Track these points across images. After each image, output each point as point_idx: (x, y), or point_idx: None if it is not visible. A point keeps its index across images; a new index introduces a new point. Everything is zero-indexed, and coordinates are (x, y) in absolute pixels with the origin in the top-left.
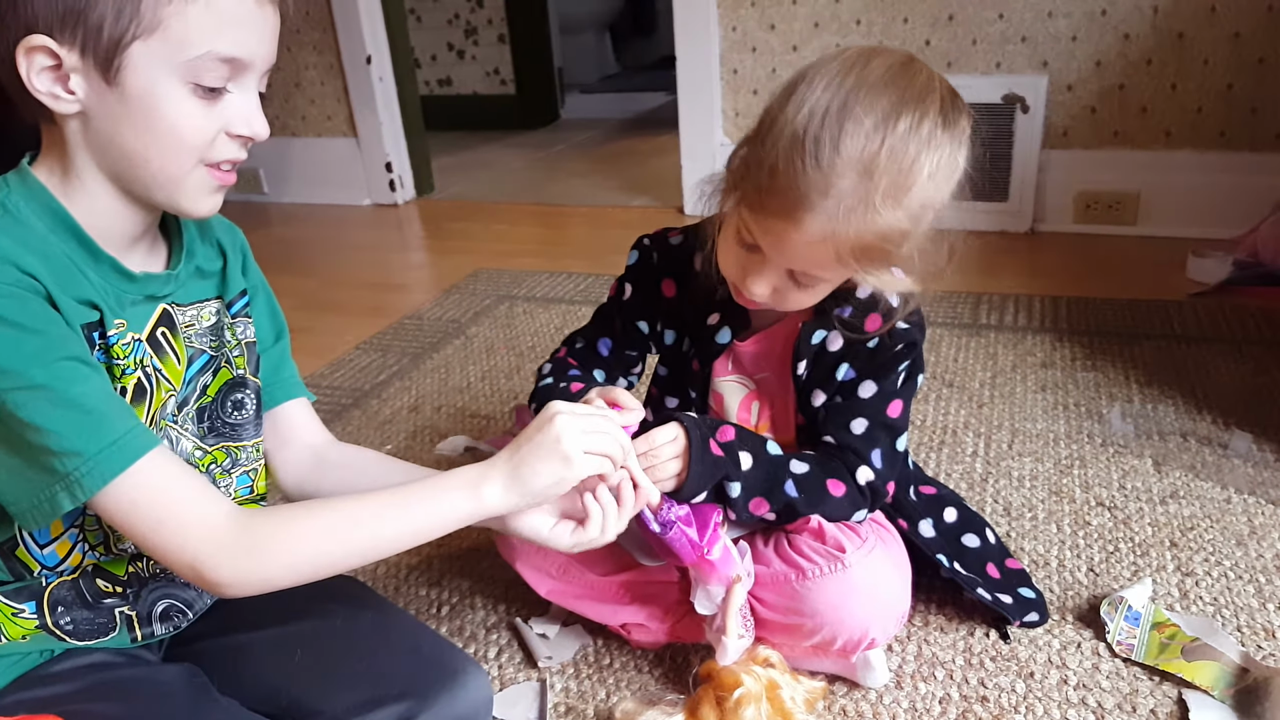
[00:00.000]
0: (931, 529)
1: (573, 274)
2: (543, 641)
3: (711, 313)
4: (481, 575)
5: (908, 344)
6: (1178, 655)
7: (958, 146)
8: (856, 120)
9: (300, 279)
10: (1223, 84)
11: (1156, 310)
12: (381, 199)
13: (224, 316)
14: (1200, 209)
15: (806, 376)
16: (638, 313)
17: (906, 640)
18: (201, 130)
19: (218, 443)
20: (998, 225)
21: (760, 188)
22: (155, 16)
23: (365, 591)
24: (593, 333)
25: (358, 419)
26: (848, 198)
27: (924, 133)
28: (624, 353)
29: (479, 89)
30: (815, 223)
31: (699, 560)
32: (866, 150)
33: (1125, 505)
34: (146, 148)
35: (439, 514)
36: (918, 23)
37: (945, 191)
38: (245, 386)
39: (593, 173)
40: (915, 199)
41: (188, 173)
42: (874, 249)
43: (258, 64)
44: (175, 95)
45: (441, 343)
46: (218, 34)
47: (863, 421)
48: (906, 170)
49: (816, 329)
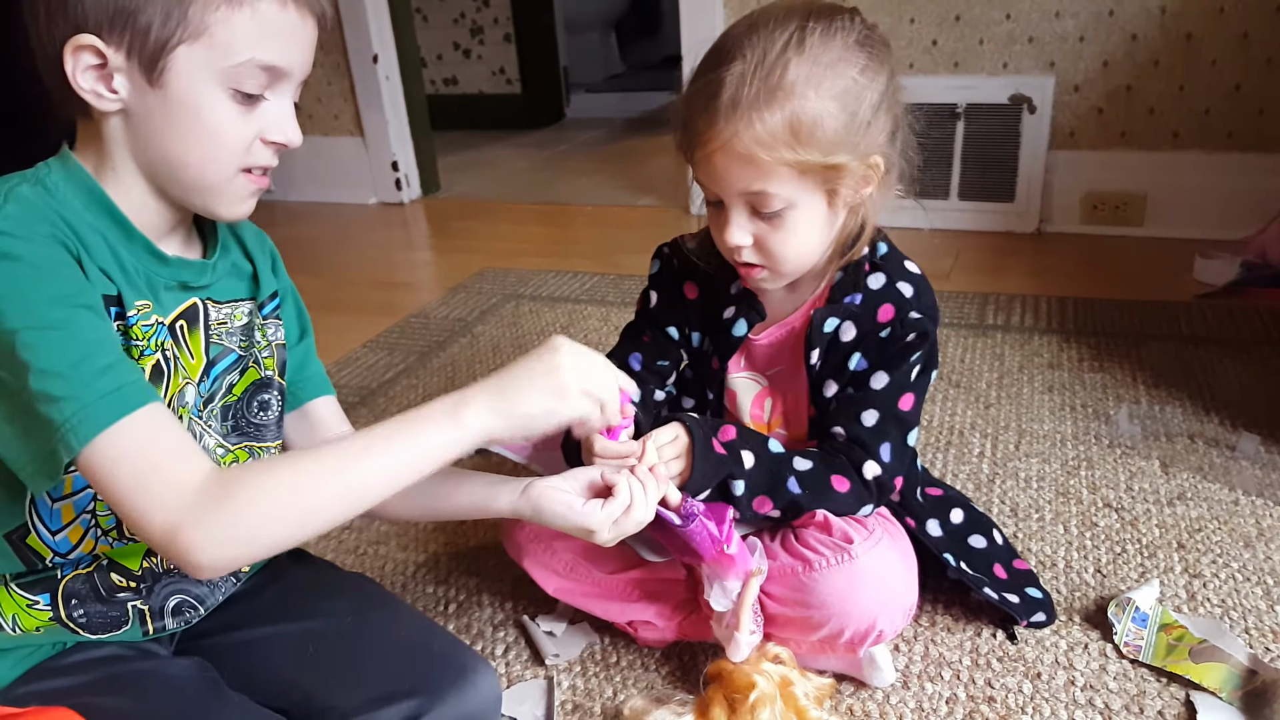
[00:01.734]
0: (938, 529)
1: (578, 273)
2: (550, 639)
3: (728, 306)
4: (488, 573)
5: (920, 334)
6: (1185, 657)
7: (839, 41)
8: (729, 45)
9: (307, 277)
10: (1231, 85)
11: (1164, 311)
12: (387, 198)
13: (255, 318)
14: (1208, 210)
15: (819, 367)
16: (666, 318)
17: (913, 640)
18: (239, 136)
19: (241, 442)
20: (1004, 226)
21: (680, 127)
22: (202, 22)
23: (376, 589)
24: (622, 351)
25: (364, 417)
26: (735, 93)
27: (790, 28)
28: (655, 364)
29: (484, 88)
30: (721, 128)
31: (718, 555)
32: (739, 55)
33: (1133, 506)
34: (186, 150)
35: (419, 445)
36: (924, 23)
37: (844, 82)
38: (271, 387)
39: (598, 172)
40: (801, 84)
41: (227, 178)
42: (788, 134)
43: (295, 73)
44: (215, 100)
45: (448, 341)
46: (260, 42)
47: (873, 413)
48: (777, 57)
49: (829, 316)
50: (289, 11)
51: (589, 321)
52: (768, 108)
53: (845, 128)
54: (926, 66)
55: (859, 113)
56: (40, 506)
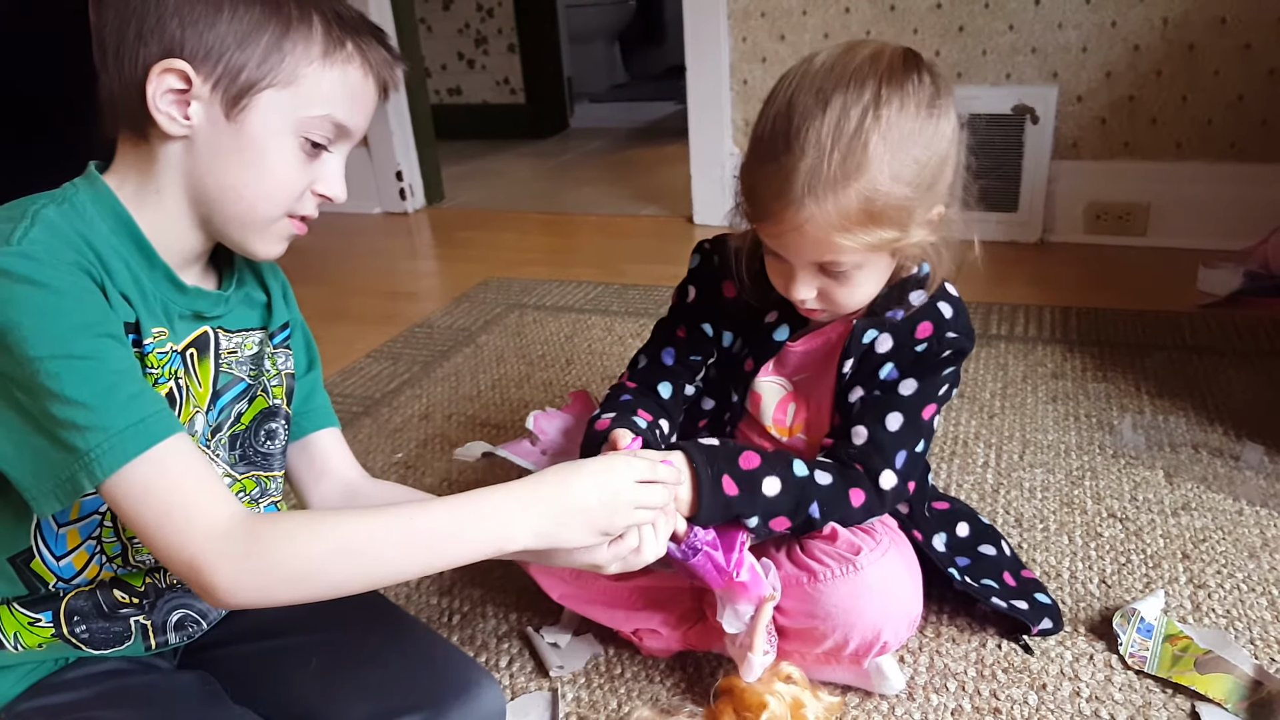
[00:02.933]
0: (944, 544)
1: (582, 283)
2: (554, 650)
3: (770, 310)
4: (492, 584)
5: (956, 351)
6: (1191, 668)
7: (913, 108)
8: (799, 121)
9: (311, 287)
10: (1233, 95)
11: (1167, 321)
12: (392, 207)
13: (266, 347)
14: (1210, 220)
15: (850, 375)
16: (702, 314)
17: (919, 651)
18: (296, 181)
19: (249, 471)
20: (1007, 235)
21: (750, 199)
22: (295, 72)
23: (380, 601)
24: (655, 347)
25: (369, 427)
26: (811, 179)
27: (865, 101)
28: (689, 358)
29: (489, 98)
30: (795, 212)
31: (727, 584)
32: (813, 133)
33: (1137, 517)
34: (244, 185)
35: (459, 551)
36: (928, 34)
37: (916, 151)
38: (279, 416)
39: (602, 181)
40: (877, 163)
41: (273, 219)
42: (864, 216)
43: (356, 135)
44: (285, 144)
45: (452, 351)
46: (339, 101)
47: (898, 418)
48: (852, 138)
49: (869, 328)
50: (368, 80)
51: (593, 331)
52: (844, 192)
53: (919, 197)
54: None
55: (930, 181)
56: (45, 530)
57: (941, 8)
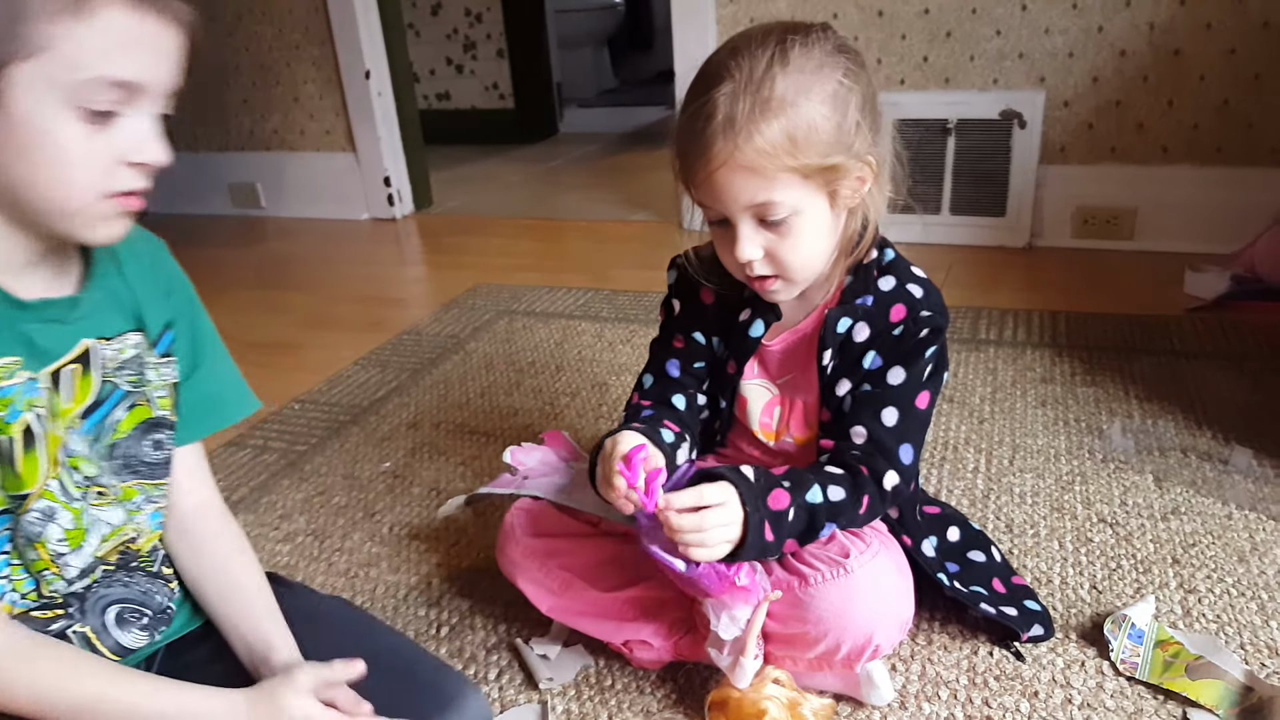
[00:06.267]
0: (933, 549)
1: (572, 289)
2: (543, 662)
3: (743, 309)
4: (481, 595)
5: (933, 329)
6: (1182, 674)
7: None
8: (716, 69)
9: (297, 294)
10: (1219, 100)
11: (1155, 325)
12: (380, 213)
13: (146, 354)
14: (1197, 224)
15: (832, 368)
16: (691, 325)
17: (910, 659)
18: (91, 157)
19: (131, 479)
20: (995, 240)
21: (681, 158)
22: (42, 37)
23: (357, 614)
24: (657, 363)
25: (356, 436)
26: (730, 114)
27: (771, 45)
28: (692, 366)
29: (478, 103)
30: (720, 147)
31: (728, 589)
32: (727, 79)
33: (1127, 522)
34: (33, 173)
35: None
36: (916, 39)
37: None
38: (165, 426)
39: (591, 187)
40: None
41: (86, 203)
42: (787, 143)
43: (154, 87)
44: (61, 119)
45: (440, 358)
46: (110, 56)
47: (894, 411)
48: (762, 83)
49: (842, 316)
50: (145, 21)
51: (583, 338)
52: (764, 119)
53: (838, 129)
54: (918, 82)
55: (848, 114)
56: None
57: (929, 13)
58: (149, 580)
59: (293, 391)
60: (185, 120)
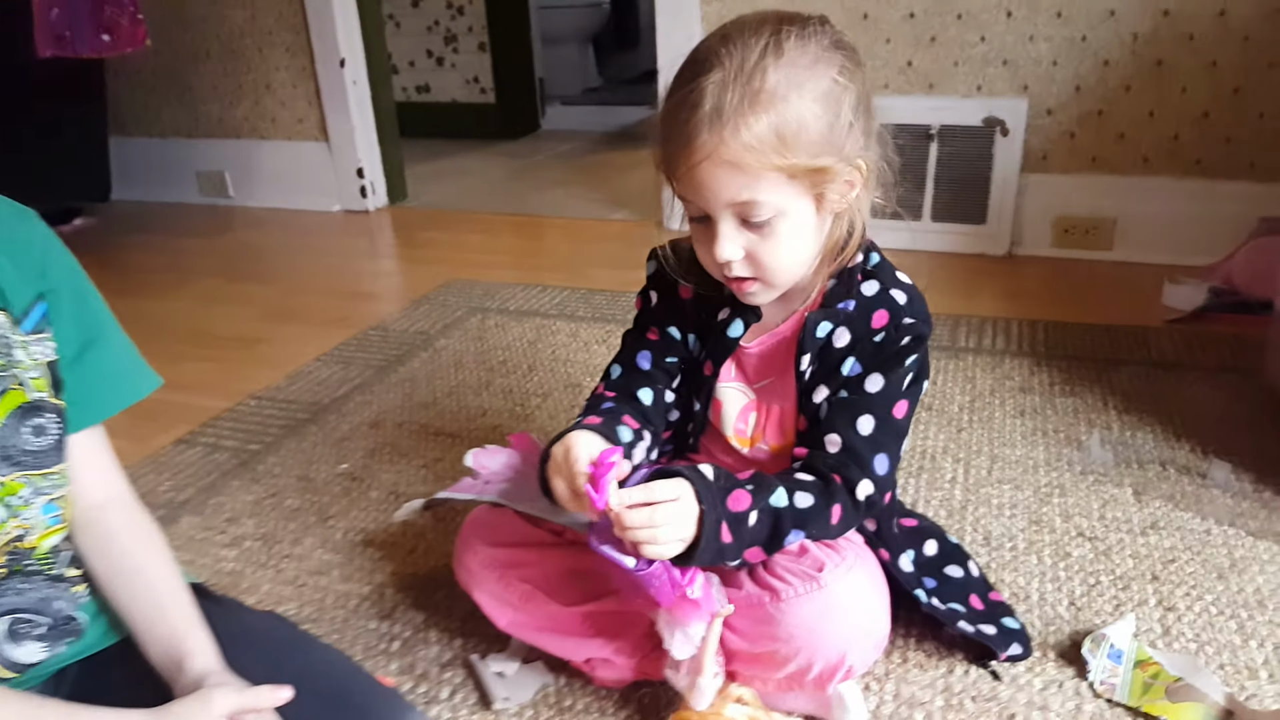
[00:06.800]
0: (911, 563)
1: (548, 287)
2: (500, 681)
3: (722, 307)
4: (437, 607)
5: (915, 338)
6: (1161, 696)
7: (814, 46)
8: (705, 56)
9: (262, 286)
10: (1199, 112)
11: (1134, 336)
12: (352, 205)
13: (12, 333)
14: (1176, 236)
15: (811, 373)
16: (667, 319)
17: (884, 678)
18: None
19: (12, 472)
20: (976, 248)
21: (664, 145)
22: None
23: (290, 632)
24: (627, 354)
25: (314, 435)
26: (718, 105)
27: (765, 36)
28: (665, 360)
29: (458, 97)
30: (705, 139)
31: (679, 600)
32: (717, 68)
33: (1106, 536)
34: None
35: None
36: (900, 44)
37: (824, 84)
38: (45, 411)
39: (572, 184)
40: (783, 92)
41: None
42: (775, 140)
43: None
44: None
45: (407, 356)
46: None
47: (870, 420)
48: (754, 69)
49: (823, 320)
50: None
51: (557, 337)
52: (752, 113)
53: (830, 129)
54: (901, 87)
55: (841, 114)
56: None
57: (914, 17)
58: (48, 585)
59: (250, 387)
60: (152, 105)
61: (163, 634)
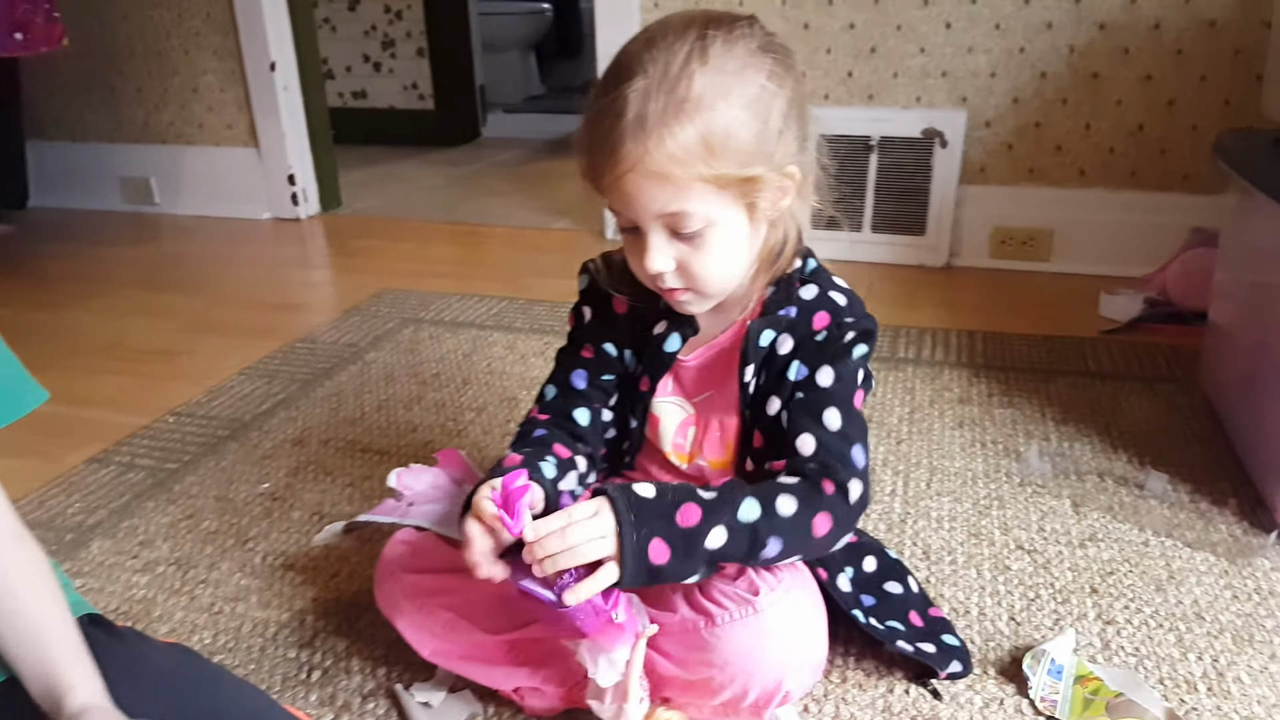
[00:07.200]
0: (849, 582)
1: (485, 297)
2: (425, 710)
3: (658, 321)
4: (360, 634)
5: (860, 332)
6: (1102, 712)
7: (741, 50)
8: (628, 62)
9: (186, 297)
10: (1134, 124)
11: (1071, 347)
12: (283, 213)
13: None
14: (1112, 247)
15: (758, 385)
16: (601, 335)
17: (823, 699)
18: None
19: None
20: (915, 259)
21: (588, 155)
22: None
23: (200, 667)
24: (562, 373)
25: (234, 453)
26: (642, 113)
27: (690, 39)
28: (600, 379)
29: (396, 103)
30: (630, 148)
31: (604, 626)
32: (640, 74)
33: (1045, 549)
34: None
35: None
36: (840, 54)
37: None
38: None
39: (512, 193)
40: (709, 98)
41: None
42: (703, 149)
43: None
44: None
45: (336, 369)
46: None
47: (835, 413)
48: (678, 81)
49: (765, 328)
50: None
51: (494, 349)
52: (677, 122)
53: (758, 137)
54: (841, 98)
55: (770, 121)
56: None
57: (855, 28)
58: None
59: (168, 403)
60: (72, 107)
61: (43, 672)
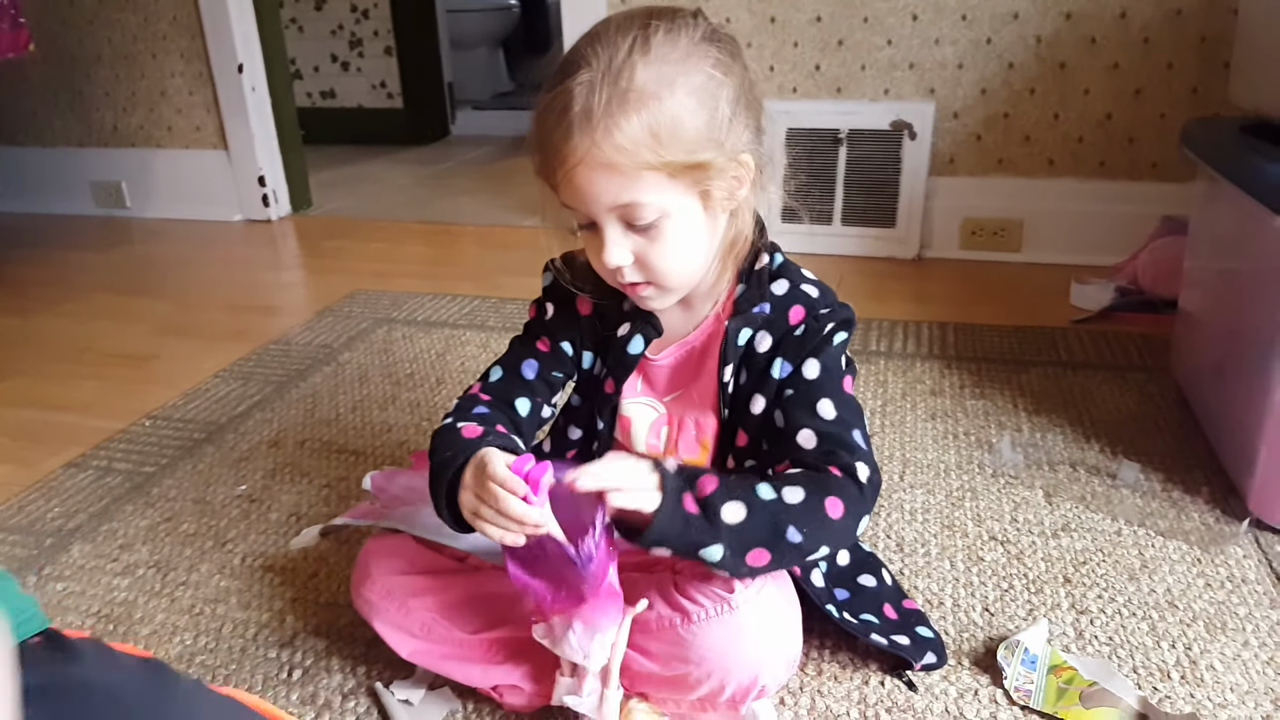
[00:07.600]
0: (823, 577)
1: (457, 296)
2: (405, 708)
3: (622, 323)
4: (340, 634)
5: (839, 321)
6: (1076, 701)
7: (684, 40)
8: (573, 57)
9: (157, 301)
10: (1102, 114)
11: (1042, 337)
12: (254, 215)
13: None
14: (1082, 236)
15: (738, 384)
16: (560, 333)
17: (799, 691)
18: None
19: None
20: (885, 251)
21: (536, 148)
22: None
23: (170, 689)
24: (513, 358)
25: (211, 456)
26: (590, 111)
27: (633, 31)
28: (551, 374)
29: (364, 102)
30: (578, 143)
31: (603, 588)
32: (584, 69)
33: (1018, 539)
34: None
35: None
36: (808, 47)
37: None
38: None
39: (483, 191)
40: (654, 96)
41: None
42: (650, 139)
43: None
44: None
45: (310, 370)
46: None
47: (828, 403)
48: (621, 73)
49: (741, 327)
50: None
51: (467, 348)
52: (622, 113)
53: (707, 124)
54: (810, 91)
55: (718, 108)
56: None
57: (821, 21)
58: None
59: (144, 407)
60: (41, 113)
61: None
